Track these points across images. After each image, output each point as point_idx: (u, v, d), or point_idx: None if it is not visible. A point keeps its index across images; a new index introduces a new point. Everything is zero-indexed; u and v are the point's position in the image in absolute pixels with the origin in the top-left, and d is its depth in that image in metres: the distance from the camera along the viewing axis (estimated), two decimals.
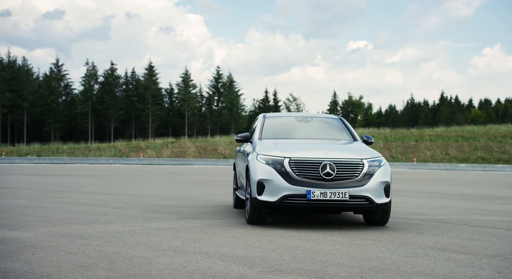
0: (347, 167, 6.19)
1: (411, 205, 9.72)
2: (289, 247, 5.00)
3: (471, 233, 6.25)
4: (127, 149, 49.59)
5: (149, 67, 75.03)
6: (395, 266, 4.29)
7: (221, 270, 3.95)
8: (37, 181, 15.86)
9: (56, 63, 75.89)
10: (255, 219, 6.51)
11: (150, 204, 8.99)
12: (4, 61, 70.64)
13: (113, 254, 4.40)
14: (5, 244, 4.83)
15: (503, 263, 4.53)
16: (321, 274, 3.93)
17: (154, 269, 3.87)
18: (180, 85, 76.89)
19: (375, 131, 57.26)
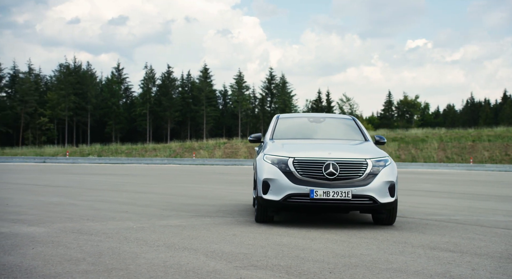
0: (350, 166, 6.20)
1: (435, 206, 9.55)
2: (280, 244, 5.08)
3: (477, 233, 6.14)
4: (181, 149, 50.77)
5: (204, 69, 76.40)
6: (372, 263, 4.31)
7: (198, 265, 4.09)
8: (85, 179, 16.62)
9: (117, 67, 78.81)
10: (262, 218, 6.61)
11: (175, 202, 9.28)
12: (71, 66, 74.12)
13: (107, 249, 4.63)
14: (14, 238, 5.13)
15: (485, 262, 4.48)
16: (293, 269, 4.00)
17: (135, 264, 4.06)
18: (233, 87, 77.80)
19: (429, 132, 55.74)
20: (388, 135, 56.28)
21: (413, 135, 55.08)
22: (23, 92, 69.49)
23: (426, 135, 54.47)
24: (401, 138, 54.17)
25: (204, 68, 76.36)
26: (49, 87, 75.34)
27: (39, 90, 73.70)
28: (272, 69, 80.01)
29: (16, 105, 69.09)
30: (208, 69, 76.60)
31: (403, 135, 55.40)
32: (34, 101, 69.86)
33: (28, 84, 70.05)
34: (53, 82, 75.24)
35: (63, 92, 70.14)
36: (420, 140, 53.41)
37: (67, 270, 3.77)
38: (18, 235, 5.33)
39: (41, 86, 75.80)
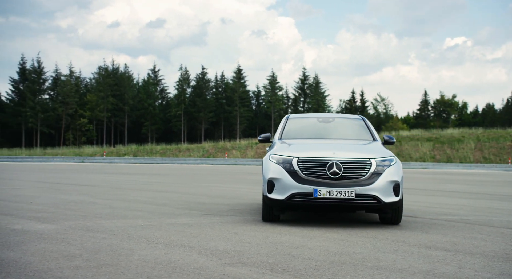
0: (354, 166, 6.20)
1: (452, 206, 9.46)
2: (277, 242, 5.14)
3: (482, 233, 6.08)
4: (214, 149, 51.24)
5: (237, 70, 76.81)
6: (360, 261, 4.34)
7: (187, 261, 4.19)
8: (115, 179, 17.02)
9: (153, 69, 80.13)
10: (268, 217, 6.68)
11: (192, 201, 9.43)
12: (109, 69, 75.92)
13: (106, 246, 4.78)
14: (23, 235, 5.33)
15: (476, 260, 4.45)
16: (278, 266, 4.06)
17: (127, 260, 4.19)
18: (266, 88, 77.92)
19: (466, 132, 54.42)
20: (422, 135, 55.26)
21: (448, 135, 53.90)
22: (64, 94, 71.52)
23: (463, 135, 53.17)
24: (436, 139, 53.10)
25: (237, 69, 76.79)
26: (89, 89, 77.27)
27: (79, 92, 75.66)
28: (305, 70, 79.83)
29: (58, 107, 71.17)
30: (242, 70, 76.99)
31: (438, 135, 54.29)
32: (75, 103, 71.81)
33: (69, 87, 72.04)
34: (93, 84, 77.19)
35: (102, 94, 71.84)
36: (456, 140, 52.20)
37: (60, 266, 3.93)
38: (29, 232, 5.55)
39: (81, 88, 77.79)
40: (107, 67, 75.45)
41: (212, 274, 3.78)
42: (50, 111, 70.66)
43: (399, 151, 51.34)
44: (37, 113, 68.90)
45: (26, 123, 69.67)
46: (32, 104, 69.05)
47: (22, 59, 73.41)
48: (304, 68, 79.99)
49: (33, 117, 68.82)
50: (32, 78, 71.53)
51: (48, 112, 70.25)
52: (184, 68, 76.88)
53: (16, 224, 6.13)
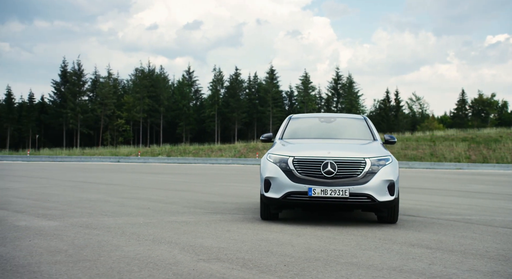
0: (348, 165, 6.22)
1: (462, 206, 9.42)
2: (263, 240, 5.21)
3: (476, 232, 6.04)
4: (245, 149, 51.51)
5: (270, 71, 76.93)
6: (335, 258, 4.38)
7: (165, 257, 4.30)
8: (141, 178, 17.40)
9: (188, 70, 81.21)
10: (265, 215, 6.76)
11: (202, 200, 9.58)
12: (145, 71, 77.42)
13: (95, 242, 4.92)
14: (23, 231, 5.53)
15: (452, 258, 4.43)
16: (251, 262, 4.13)
17: (107, 256, 4.30)
18: (299, 88, 77.73)
19: (503, 131, 52.96)
20: (457, 135, 53.99)
21: (485, 135, 52.49)
22: (103, 96, 73.38)
23: (500, 135, 51.75)
24: (471, 138, 51.81)
25: (270, 69, 76.92)
26: (126, 91, 79.02)
27: (117, 93, 77.42)
28: (338, 69, 79.23)
29: (97, 108, 73.05)
30: (275, 70, 77.09)
31: (474, 135, 52.96)
32: (113, 104, 73.53)
33: (107, 88, 73.87)
34: (130, 86, 78.90)
35: (138, 95, 73.32)
36: (493, 140, 50.80)
37: (40, 261, 4.06)
38: (29, 228, 5.77)
39: (119, 89, 79.61)
40: (144, 69, 76.95)
41: (182, 269, 3.89)
42: (89, 112, 72.59)
43: (432, 151, 50.35)
44: (77, 115, 70.92)
45: (67, 124, 71.82)
46: (72, 106, 71.13)
47: (64, 62, 75.74)
48: (337, 68, 79.51)
49: (73, 118, 70.87)
50: (73, 80, 73.69)
51: (87, 114, 72.19)
52: (218, 69, 77.66)
53: (23, 220, 6.39)
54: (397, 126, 75.48)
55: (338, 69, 79.22)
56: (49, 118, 74.06)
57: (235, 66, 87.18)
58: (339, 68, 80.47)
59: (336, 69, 79.09)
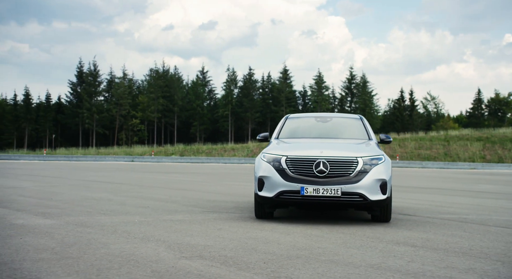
0: (340, 164, 6.25)
1: (464, 205, 9.41)
2: (251, 238, 5.26)
3: (467, 231, 6.02)
4: (258, 149, 51.53)
5: (284, 70, 76.85)
6: (317, 255, 4.42)
7: (148, 254, 4.35)
8: (150, 177, 17.55)
9: (202, 70, 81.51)
10: (259, 214, 6.81)
11: (203, 199, 9.64)
12: (159, 71, 77.95)
13: (84, 240, 4.96)
14: (17, 229, 5.62)
15: (433, 255, 4.43)
16: (231, 260, 4.18)
17: (92, 254, 4.33)
18: (313, 87, 77.52)
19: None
20: (472, 134, 53.38)
21: (500, 135, 51.84)
22: (118, 96, 74.02)
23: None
24: (486, 138, 51.21)
25: (284, 69, 76.84)
26: (141, 91, 79.62)
27: (132, 93, 78.07)
28: (352, 69, 78.71)
29: (112, 108, 73.71)
30: (288, 70, 76.97)
31: (489, 135, 52.34)
32: (128, 104, 74.15)
33: (122, 89, 74.51)
34: (144, 86, 79.50)
35: (153, 95, 73.83)
36: (508, 139, 50.17)
37: (25, 258, 4.11)
38: (25, 226, 5.86)
39: (134, 90, 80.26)
40: (158, 70, 77.47)
41: (162, 266, 3.95)
42: (104, 112, 73.27)
43: (446, 151, 49.85)
44: (93, 115, 71.63)
45: (83, 124, 72.60)
46: (88, 106, 71.88)
47: (80, 62, 76.57)
48: (351, 68, 78.90)
49: (89, 118, 71.61)
50: (89, 81, 74.45)
51: (103, 114, 72.89)
52: (232, 69, 77.81)
53: (21, 219, 6.50)
54: (412, 126, 74.86)
55: (352, 69, 78.81)
56: (65, 118, 74.96)
57: (249, 66, 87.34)
58: (353, 68, 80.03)
59: (350, 69, 78.71)
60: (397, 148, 50.66)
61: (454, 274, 3.89)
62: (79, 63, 76.31)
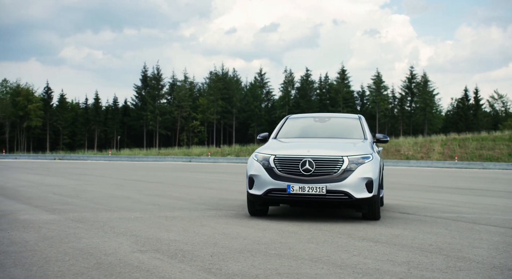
0: (325, 163, 6.31)
1: (467, 204, 9.22)
2: (223, 234, 5.40)
3: (450, 229, 5.92)
4: None
5: (341, 71, 75.93)
6: (270, 249, 4.51)
7: (109, 248, 4.54)
8: (187, 177, 18.00)
9: (260, 72, 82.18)
10: (252, 211, 6.95)
11: (216, 197, 9.82)
12: (219, 73, 79.39)
13: (64, 234, 5.21)
14: (15, 223, 5.98)
15: (394, 251, 4.39)
16: (181, 253, 4.32)
17: (58, 246, 4.57)
18: (371, 87, 75.98)
19: None
20: None
21: None
22: (179, 99, 76.18)
23: None
24: None
25: (341, 69, 75.96)
26: (201, 93, 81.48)
27: (193, 96, 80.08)
28: (412, 68, 76.38)
29: (174, 110, 75.91)
30: (346, 70, 76.02)
31: None
32: (188, 107, 76.13)
33: (183, 91, 76.61)
34: (204, 89, 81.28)
35: (212, 97, 75.31)
36: None
37: (11, 250, 4.38)
38: (25, 221, 6.19)
39: (195, 92, 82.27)
40: (217, 72, 78.92)
41: (110, 259, 4.13)
42: (167, 114, 75.58)
43: (511, 151, 47.21)
44: (156, 117, 74.08)
45: (147, 126, 75.28)
46: (152, 108, 74.45)
47: (144, 67, 79.44)
48: (411, 67, 76.62)
49: (153, 120, 74.13)
50: (152, 84, 77.12)
51: (165, 116, 75.22)
52: (289, 70, 77.92)
53: (28, 214, 6.86)
54: (476, 126, 71.50)
55: (413, 68, 76.50)
56: (131, 120, 78.05)
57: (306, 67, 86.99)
58: (414, 67, 77.64)
59: (410, 68, 76.48)
60: (457, 148, 48.69)
61: (385, 266, 3.95)
62: (144, 67, 79.17)
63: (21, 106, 75.49)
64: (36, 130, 77.63)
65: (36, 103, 75.84)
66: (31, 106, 74.87)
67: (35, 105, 75.38)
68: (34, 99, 76.82)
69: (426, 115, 72.93)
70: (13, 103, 75.90)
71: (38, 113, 75.44)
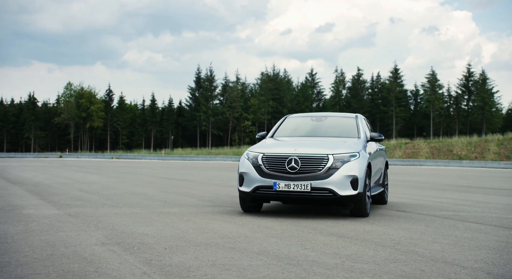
0: (311, 161, 6.36)
1: (468, 202, 9.02)
2: (197, 228, 5.54)
3: (430, 226, 5.85)
4: None
5: (394, 70, 74.13)
6: (227, 243, 4.63)
7: (75, 241, 4.74)
8: (218, 176, 18.28)
9: (311, 72, 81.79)
10: (243, 208, 7.08)
11: (226, 195, 9.94)
12: (270, 74, 79.63)
13: (47, 228, 5.46)
14: (13, 217, 6.31)
15: (344, 244, 4.41)
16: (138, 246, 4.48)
17: (31, 238, 4.81)
18: (425, 86, 73.62)
19: None
20: None
21: None
22: (231, 99, 77.15)
23: None
24: None
25: (394, 68, 74.20)
26: (253, 94, 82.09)
27: (244, 97, 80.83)
28: (470, 66, 73.44)
29: (226, 111, 77.00)
30: (398, 69, 74.13)
31: None
32: (240, 107, 76.92)
33: (235, 92, 77.52)
34: (256, 89, 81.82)
35: (263, 98, 75.67)
36: None
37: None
38: (25, 215, 6.52)
39: (246, 93, 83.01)
40: (268, 73, 79.21)
41: (66, 250, 4.31)
42: (219, 115, 76.70)
43: None
44: (209, 117, 75.39)
45: (200, 126, 76.77)
46: (205, 109, 75.78)
47: (198, 69, 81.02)
48: (468, 65, 73.68)
49: (206, 121, 75.45)
50: (205, 86, 78.54)
51: (218, 116, 76.36)
52: (340, 70, 76.98)
53: (36, 209, 7.19)
54: None
55: (470, 66, 73.48)
56: (185, 121, 79.84)
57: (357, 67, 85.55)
58: (471, 65, 74.52)
59: (468, 66, 73.42)
60: None
61: (324, 258, 4.06)
62: (197, 69, 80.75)
63: (84, 108, 79.04)
64: (97, 130, 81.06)
65: (97, 104, 79.17)
66: (93, 108, 78.24)
67: (97, 106, 78.69)
68: (96, 101, 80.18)
69: (484, 114, 69.79)
70: (77, 105, 79.58)
71: (99, 114, 78.71)
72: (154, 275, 3.52)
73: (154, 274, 3.55)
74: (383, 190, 8.15)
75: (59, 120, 79.07)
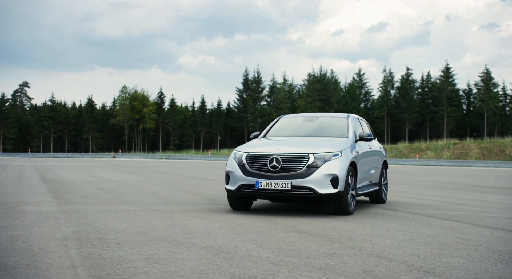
0: (291, 160, 6.46)
1: (463, 201, 8.76)
2: (168, 225, 5.69)
3: (410, 224, 5.73)
4: (407, 150, 49.06)
5: (445, 69, 71.70)
6: (187, 239, 4.72)
7: (44, 236, 4.97)
8: None
9: (358, 72, 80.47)
10: (231, 205, 7.20)
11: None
12: (317, 75, 79.04)
13: (30, 223, 5.76)
14: (11, 214, 6.65)
15: (301, 241, 4.44)
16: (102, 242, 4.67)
17: (3, 234, 5.16)
18: (479, 85, 70.61)
19: None
20: None
21: None
22: (278, 101, 77.20)
23: None
24: None
25: (445, 67, 71.80)
26: (300, 95, 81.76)
27: (291, 98, 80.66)
28: None
29: (273, 112, 77.05)
30: (450, 68, 71.58)
31: None
32: (287, 108, 76.79)
33: (282, 94, 77.50)
34: (303, 90, 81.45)
35: (310, 98, 75.24)
36: None
37: None
38: (23, 212, 6.83)
39: (293, 94, 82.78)
40: (315, 74, 78.68)
41: (22, 245, 4.50)
42: (266, 116, 76.91)
43: None
44: (256, 118, 75.78)
45: (248, 127, 77.33)
46: (252, 110, 76.26)
47: (246, 71, 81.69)
48: None
49: (253, 122, 75.88)
50: (253, 87, 79.04)
51: (265, 117, 76.58)
52: (388, 70, 75.28)
53: (36, 206, 7.51)
54: None
55: None
56: (233, 122, 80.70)
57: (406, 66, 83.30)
58: None
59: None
60: None
61: (262, 252, 4.18)
62: (245, 71, 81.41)
63: (137, 110, 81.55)
64: (150, 132, 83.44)
65: (150, 107, 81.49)
66: (146, 110, 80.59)
67: (149, 109, 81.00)
68: (149, 103, 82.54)
69: None
70: (131, 108, 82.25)
71: (151, 116, 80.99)
72: (80, 268, 3.63)
73: (81, 267, 3.66)
74: (380, 189, 8.02)
75: (115, 122, 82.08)
